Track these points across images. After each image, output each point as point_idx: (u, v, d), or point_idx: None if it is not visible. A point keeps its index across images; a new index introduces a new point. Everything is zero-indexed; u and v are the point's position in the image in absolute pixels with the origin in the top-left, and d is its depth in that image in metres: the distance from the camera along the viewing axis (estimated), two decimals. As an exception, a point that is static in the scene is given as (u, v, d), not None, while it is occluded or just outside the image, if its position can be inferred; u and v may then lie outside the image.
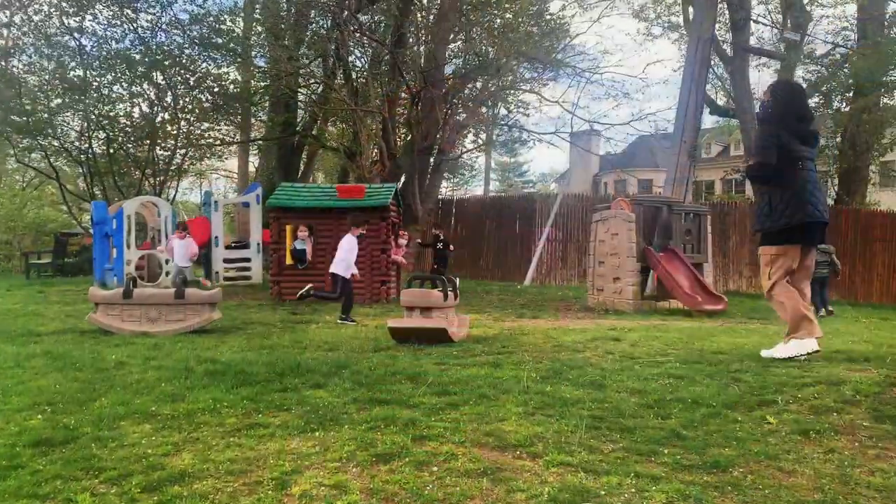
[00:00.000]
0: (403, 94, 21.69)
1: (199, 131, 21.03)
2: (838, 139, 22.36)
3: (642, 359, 6.01)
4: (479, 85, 23.00)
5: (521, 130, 22.37)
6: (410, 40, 20.45)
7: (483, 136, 25.28)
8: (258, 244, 16.70)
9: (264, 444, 3.90)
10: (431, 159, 22.71)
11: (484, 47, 22.90)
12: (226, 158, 26.86)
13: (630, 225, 12.00)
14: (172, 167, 20.25)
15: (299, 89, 25.68)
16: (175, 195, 22.79)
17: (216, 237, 16.28)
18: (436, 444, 3.85)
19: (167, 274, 15.33)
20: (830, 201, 21.57)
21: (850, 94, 22.08)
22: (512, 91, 22.46)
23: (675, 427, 4.09)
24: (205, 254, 16.91)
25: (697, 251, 12.62)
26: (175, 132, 19.91)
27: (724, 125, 37.05)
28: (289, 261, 12.61)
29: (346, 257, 9.91)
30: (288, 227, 12.59)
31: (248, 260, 16.65)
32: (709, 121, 39.43)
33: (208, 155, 21.88)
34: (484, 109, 22.44)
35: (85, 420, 4.33)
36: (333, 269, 9.95)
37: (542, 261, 19.08)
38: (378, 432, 4.01)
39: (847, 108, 22.10)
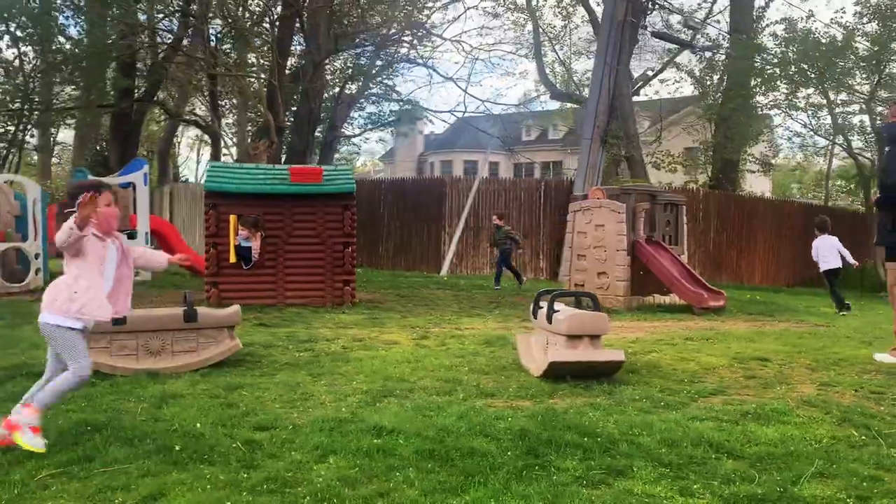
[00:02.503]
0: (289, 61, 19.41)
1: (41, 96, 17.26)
2: (713, 130, 23.13)
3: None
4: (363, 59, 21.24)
5: (415, 107, 20.86)
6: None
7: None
8: (147, 234, 13.97)
9: None
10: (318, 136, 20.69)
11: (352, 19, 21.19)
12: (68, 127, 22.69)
13: (619, 216, 11.14)
14: (17, 138, 16.40)
15: (145, 48, 22.44)
16: (17, 171, 18.69)
17: (95, 225, 13.35)
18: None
19: (37, 272, 12.29)
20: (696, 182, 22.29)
21: (723, 88, 22.84)
22: (402, 65, 20.94)
23: None
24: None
25: (675, 243, 12.08)
26: (21, 97, 16.12)
27: (560, 110, 37.51)
28: (232, 258, 10.40)
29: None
30: (232, 218, 10.35)
31: (134, 252, 13.85)
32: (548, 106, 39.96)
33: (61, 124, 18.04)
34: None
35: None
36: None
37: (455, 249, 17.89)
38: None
39: (720, 100, 22.87)
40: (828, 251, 11.85)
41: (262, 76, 17.76)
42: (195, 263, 15.07)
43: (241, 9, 19.07)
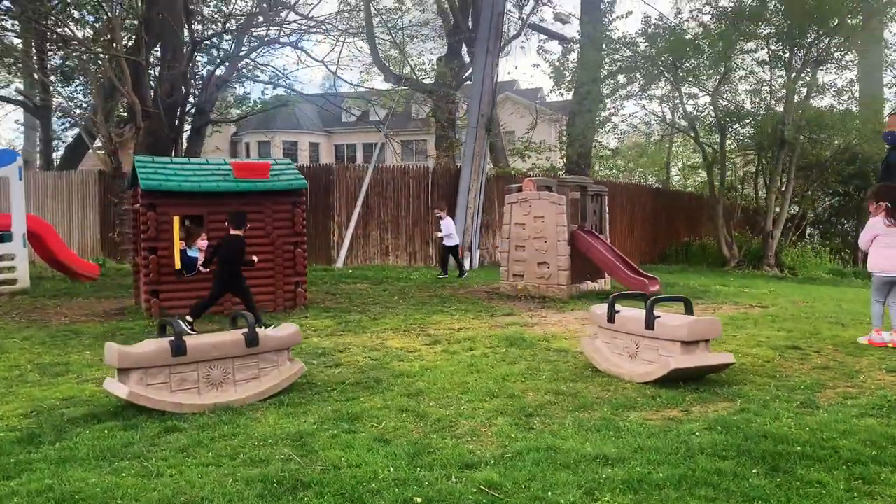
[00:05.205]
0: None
1: None
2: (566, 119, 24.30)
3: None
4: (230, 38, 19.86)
5: (289, 91, 19.85)
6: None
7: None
8: (24, 235, 12.26)
9: None
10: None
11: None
12: None
13: (560, 207, 11.45)
14: None
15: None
16: None
17: (-35, 227, 11.53)
18: None
19: None
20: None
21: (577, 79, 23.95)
22: (271, 47, 19.82)
23: None
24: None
25: (600, 231, 12.61)
26: None
27: (395, 91, 37.56)
28: (177, 264, 9.42)
29: None
30: (176, 219, 9.35)
31: (11, 257, 12.13)
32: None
33: None
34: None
35: None
36: None
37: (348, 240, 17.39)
38: None
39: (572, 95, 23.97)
40: (454, 229, 14.77)
41: (124, 53, 16.05)
42: (74, 266, 13.61)
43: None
